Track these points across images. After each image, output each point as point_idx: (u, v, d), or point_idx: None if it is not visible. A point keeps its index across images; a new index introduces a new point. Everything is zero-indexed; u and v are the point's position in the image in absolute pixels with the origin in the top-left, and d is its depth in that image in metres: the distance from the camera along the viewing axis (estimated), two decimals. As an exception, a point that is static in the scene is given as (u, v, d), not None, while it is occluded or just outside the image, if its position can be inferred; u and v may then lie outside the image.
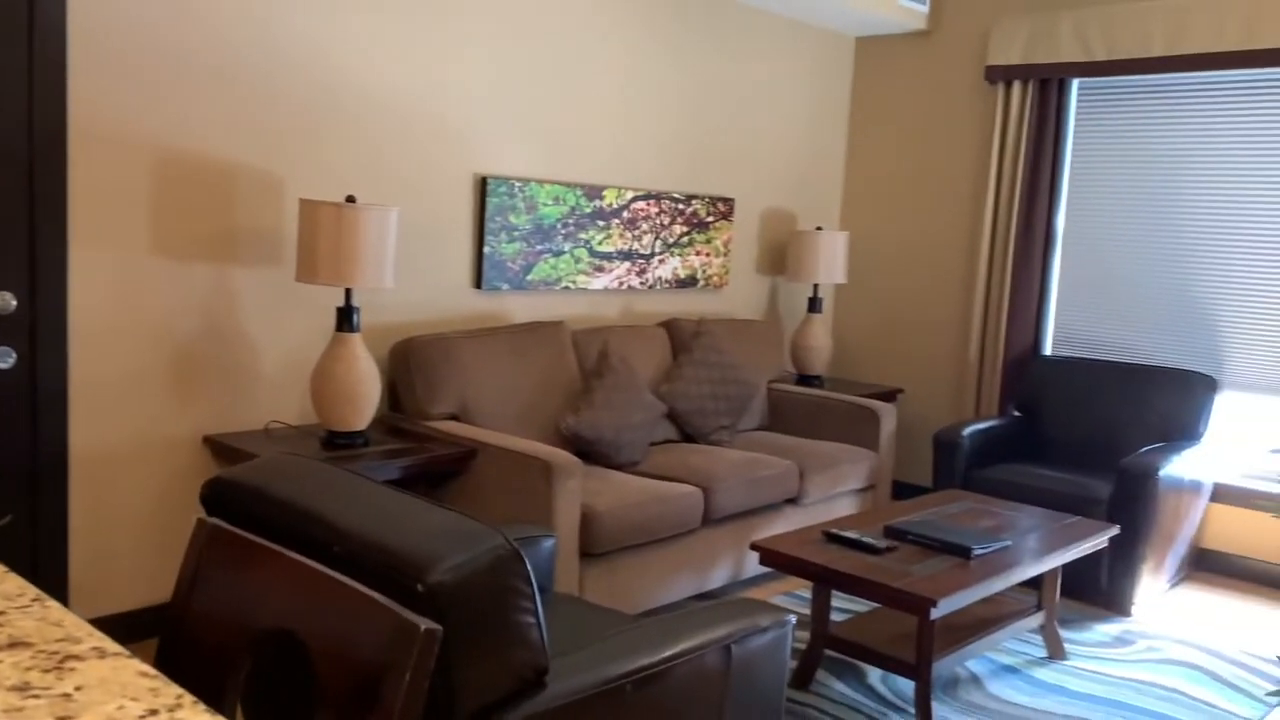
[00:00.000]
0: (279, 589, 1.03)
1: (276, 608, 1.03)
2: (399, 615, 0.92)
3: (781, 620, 2.26)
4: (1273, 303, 4.49)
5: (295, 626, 0.99)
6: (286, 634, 1.01)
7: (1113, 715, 3.19)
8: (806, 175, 5.61)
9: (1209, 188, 4.65)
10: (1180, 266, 4.75)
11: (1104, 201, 4.97)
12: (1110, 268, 4.96)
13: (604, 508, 3.47)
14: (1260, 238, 4.51)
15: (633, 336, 4.45)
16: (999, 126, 5.13)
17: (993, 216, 5.17)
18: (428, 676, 0.89)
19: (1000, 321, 5.14)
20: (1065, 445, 4.79)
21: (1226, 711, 3.26)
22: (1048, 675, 3.47)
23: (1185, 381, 4.57)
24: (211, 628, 1.10)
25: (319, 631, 0.96)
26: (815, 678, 3.34)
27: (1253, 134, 4.52)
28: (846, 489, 4.44)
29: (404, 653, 0.86)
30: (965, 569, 3.08)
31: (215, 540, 1.18)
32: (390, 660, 0.87)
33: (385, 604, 0.94)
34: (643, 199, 4.71)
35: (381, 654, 0.88)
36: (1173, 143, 4.75)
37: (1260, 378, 4.54)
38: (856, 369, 5.84)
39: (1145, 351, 4.87)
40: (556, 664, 1.89)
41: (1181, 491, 4.27)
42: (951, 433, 4.56)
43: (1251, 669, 3.59)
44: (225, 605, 1.10)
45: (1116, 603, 4.10)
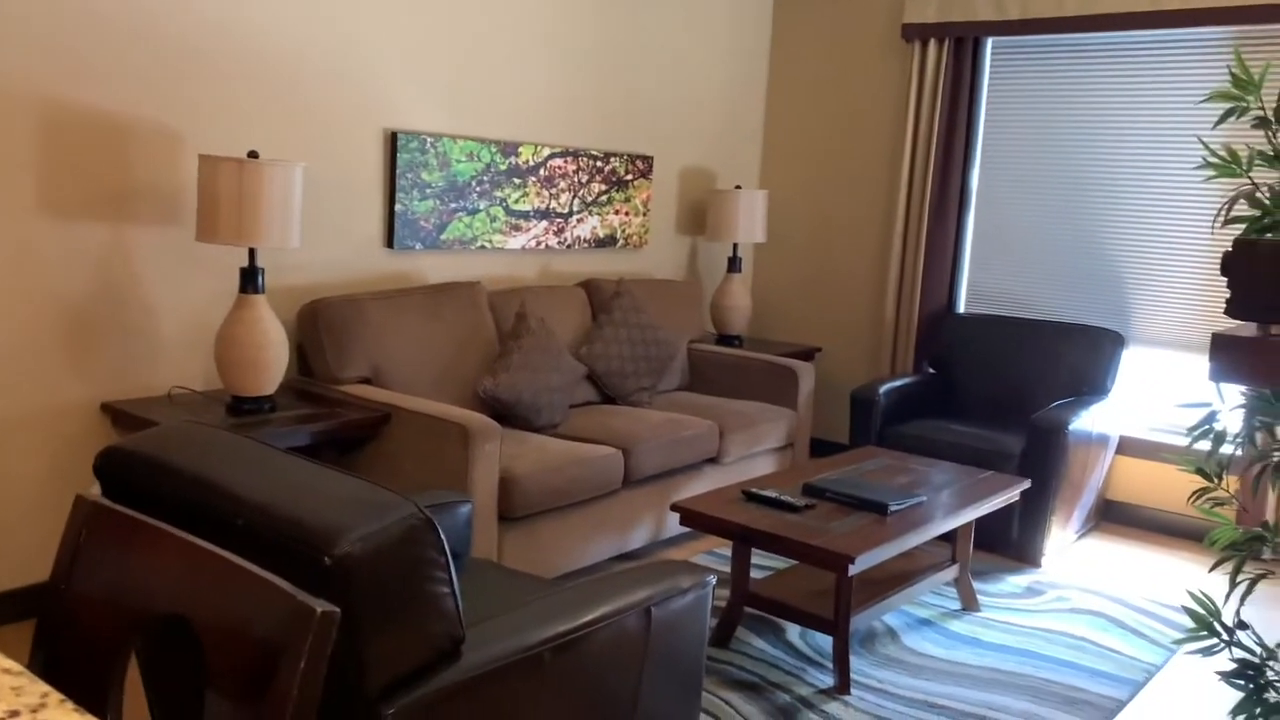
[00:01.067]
0: (167, 571, 0.96)
1: (165, 590, 0.96)
2: (294, 598, 0.87)
3: (702, 581, 2.25)
4: (1177, 261, 4.60)
5: (185, 610, 0.93)
6: (176, 618, 0.95)
7: (1024, 664, 3.27)
8: (725, 133, 5.58)
9: (1118, 147, 4.73)
10: (1090, 225, 4.83)
11: (1016, 160, 5.03)
12: (1022, 226, 5.04)
13: (523, 471, 3.42)
14: (1167, 198, 4.61)
15: (551, 297, 4.38)
16: (915, 85, 5.14)
17: (909, 175, 5.20)
18: (325, 661, 0.84)
19: (916, 280, 5.19)
20: (978, 401, 4.88)
21: (1132, 659, 3.36)
22: (962, 627, 3.54)
23: (1094, 338, 4.67)
24: (94, 611, 1.03)
25: (210, 616, 0.90)
26: (735, 635, 3.36)
27: (1161, 94, 4.60)
28: (765, 448, 4.45)
29: (299, 637, 0.81)
30: (882, 525, 3.11)
31: (97, 518, 1.10)
32: (285, 645, 0.81)
33: (280, 586, 0.88)
34: (560, 156, 4.62)
35: (276, 638, 0.83)
36: (1084, 102, 4.81)
37: (1164, 334, 4.66)
38: (775, 328, 5.85)
39: (1055, 308, 4.97)
40: (472, 633, 1.85)
41: (1090, 445, 4.38)
42: (868, 390, 4.60)
43: (1156, 616, 3.71)
44: (109, 588, 1.03)
45: (1027, 554, 4.20)
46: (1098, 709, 3.00)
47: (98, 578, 1.04)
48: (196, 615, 0.92)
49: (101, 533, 1.08)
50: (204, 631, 0.91)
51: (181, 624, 0.95)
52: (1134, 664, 3.32)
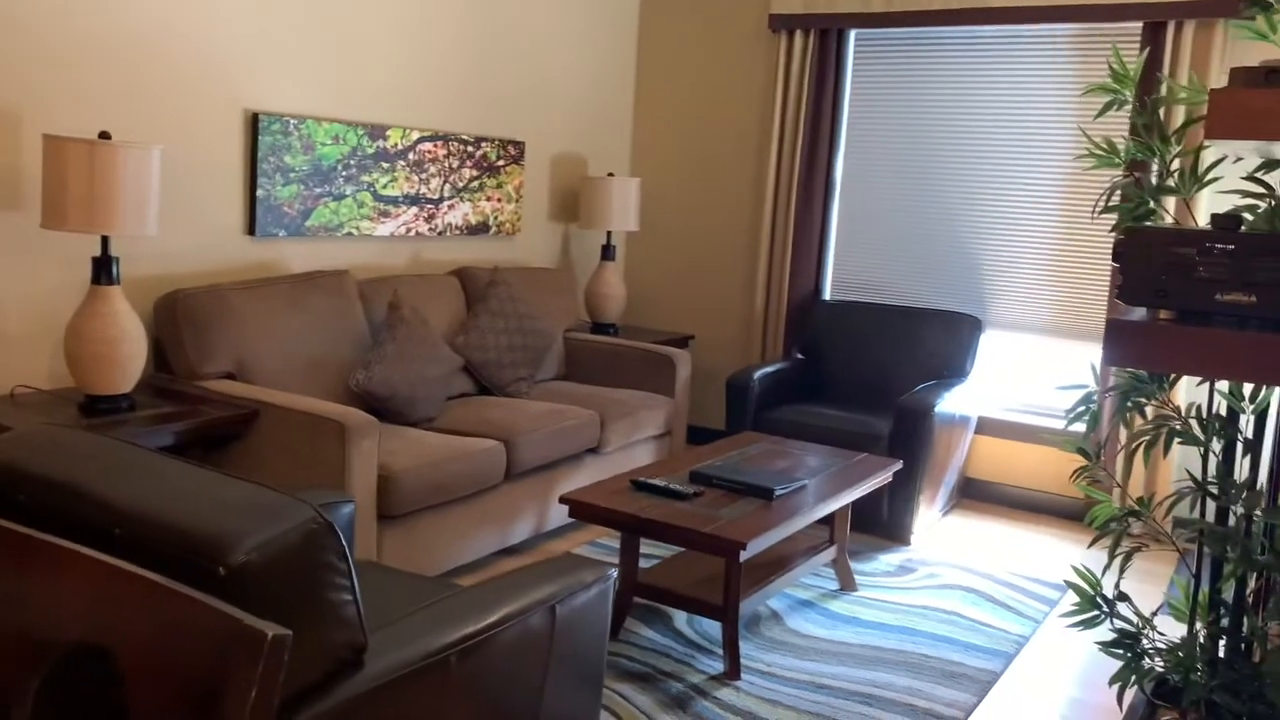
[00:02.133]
0: (76, 596, 0.86)
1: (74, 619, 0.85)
2: (239, 622, 0.79)
3: (604, 574, 2.21)
4: (1030, 248, 4.81)
5: (102, 641, 0.83)
6: (90, 650, 0.84)
7: (903, 641, 3.36)
8: (596, 120, 5.53)
9: (976, 138, 4.91)
10: (949, 213, 5.01)
11: (879, 150, 5.16)
12: (885, 214, 5.18)
13: (402, 468, 3.30)
14: (1020, 187, 4.81)
15: (424, 286, 4.26)
16: (782, 74, 5.21)
17: (776, 164, 5.27)
18: (278, 690, 0.76)
19: (784, 267, 5.27)
20: (846, 385, 5.00)
21: (1001, 630, 3.50)
22: (841, 607, 3.62)
23: (954, 322, 4.84)
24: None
25: (135, 646, 0.81)
26: (624, 626, 3.34)
27: (1015, 87, 4.79)
28: (645, 436, 4.45)
29: (247, 664, 0.73)
30: (769, 510, 3.14)
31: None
32: (229, 674, 0.73)
33: (220, 608, 0.80)
34: (430, 140, 4.48)
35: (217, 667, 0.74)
36: (943, 94, 4.97)
37: (1019, 317, 4.87)
38: (650, 316, 5.86)
39: (917, 294, 5.13)
40: (374, 640, 1.76)
41: (953, 426, 4.54)
42: (743, 376, 4.65)
43: (1020, 589, 3.88)
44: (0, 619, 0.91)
45: (897, 533, 4.33)
46: (975, 681, 3.11)
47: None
48: (117, 646, 0.83)
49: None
50: (127, 664, 0.81)
51: (97, 656, 0.85)
52: (1004, 636, 3.46)
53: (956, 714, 2.90)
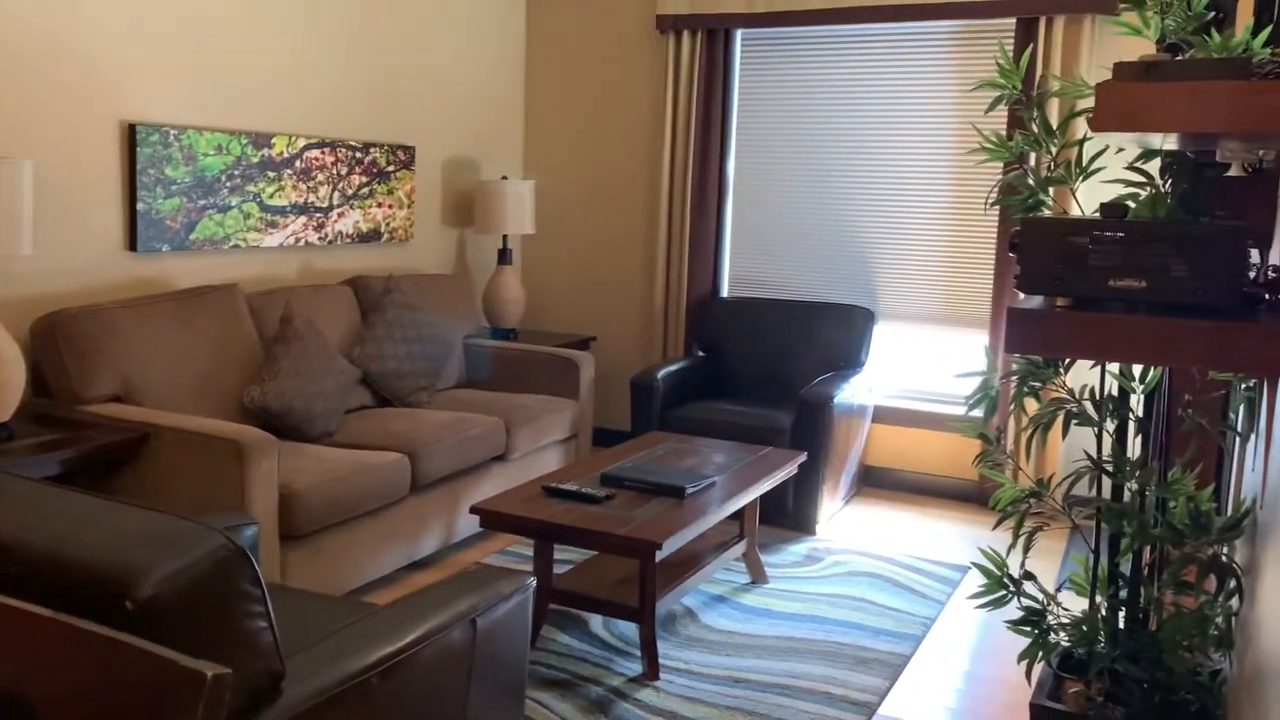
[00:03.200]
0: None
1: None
2: (175, 663, 0.74)
3: (523, 584, 2.19)
4: (917, 241, 4.94)
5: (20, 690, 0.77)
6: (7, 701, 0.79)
7: (816, 630, 3.42)
8: (487, 123, 5.47)
9: (863, 134, 5.02)
10: (840, 208, 5.11)
11: (770, 148, 5.24)
12: (778, 211, 5.25)
13: (304, 486, 3.21)
14: (906, 181, 4.94)
15: (316, 297, 4.15)
16: (671, 75, 5.24)
17: (670, 164, 5.30)
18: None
19: (682, 266, 5.30)
20: (748, 380, 5.06)
21: (908, 614, 3.59)
22: (754, 600, 3.66)
23: (848, 315, 4.94)
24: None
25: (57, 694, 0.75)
26: (540, 634, 3.31)
27: (899, 84, 4.92)
28: (551, 440, 4.42)
29: (185, 708, 0.69)
30: (681, 509, 3.16)
31: None
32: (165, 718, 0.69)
33: (153, 651, 0.75)
34: (316, 147, 4.37)
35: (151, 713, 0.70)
36: (830, 92, 5.07)
37: (909, 308, 5.00)
38: (549, 319, 5.82)
39: (812, 288, 5.22)
40: (291, 666, 1.70)
41: (851, 416, 4.64)
42: (647, 376, 4.66)
43: (922, 572, 3.99)
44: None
45: (803, 523, 4.40)
46: (886, 665, 3.18)
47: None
48: (36, 696, 0.77)
49: None
50: (49, 715, 0.76)
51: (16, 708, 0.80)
52: (912, 619, 3.54)
53: (870, 698, 2.96)
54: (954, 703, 2.98)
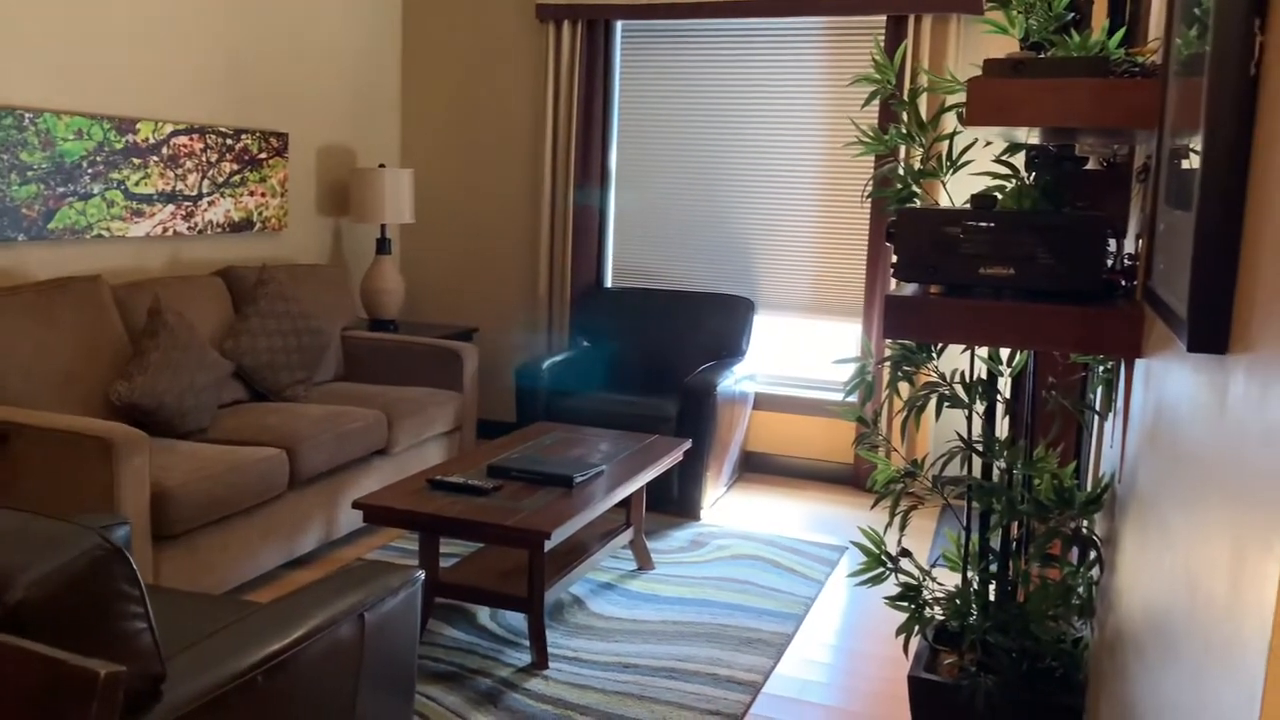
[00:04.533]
0: None
1: None
2: (63, 663, 0.71)
3: (411, 578, 2.16)
4: (794, 232, 5.06)
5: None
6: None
7: (702, 613, 3.48)
8: (362, 110, 5.36)
9: (742, 127, 5.11)
10: (721, 200, 5.18)
11: (652, 139, 5.28)
12: (660, 202, 5.30)
13: (176, 483, 3.10)
14: (784, 174, 5.05)
15: (186, 289, 4.00)
16: (552, 64, 5.23)
17: (552, 154, 5.29)
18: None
19: (566, 256, 5.30)
20: (633, 369, 5.09)
21: (790, 594, 3.68)
22: (641, 586, 3.70)
23: (729, 304, 5.03)
24: None
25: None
26: (427, 628, 3.28)
27: (777, 78, 5.01)
28: (434, 433, 4.37)
29: (78, 708, 0.67)
30: (569, 498, 3.17)
31: None
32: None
33: (36, 650, 0.72)
34: (185, 133, 4.21)
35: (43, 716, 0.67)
36: (710, 84, 5.14)
37: (788, 298, 5.11)
38: (430, 310, 5.74)
39: (695, 278, 5.29)
40: (172, 668, 1.65)
41: (734, 403, 4.72)
42: (532, 367, 4.65)
43: (803, 554, 4.09)
44: None
45: (687, 509, 4.46)
46: (770, 645, 3.26)
47: None
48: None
49: None
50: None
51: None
52: (793, 598, 3.64)
53: (755, 678, 3.03)
54: (835, 678, 3.08)
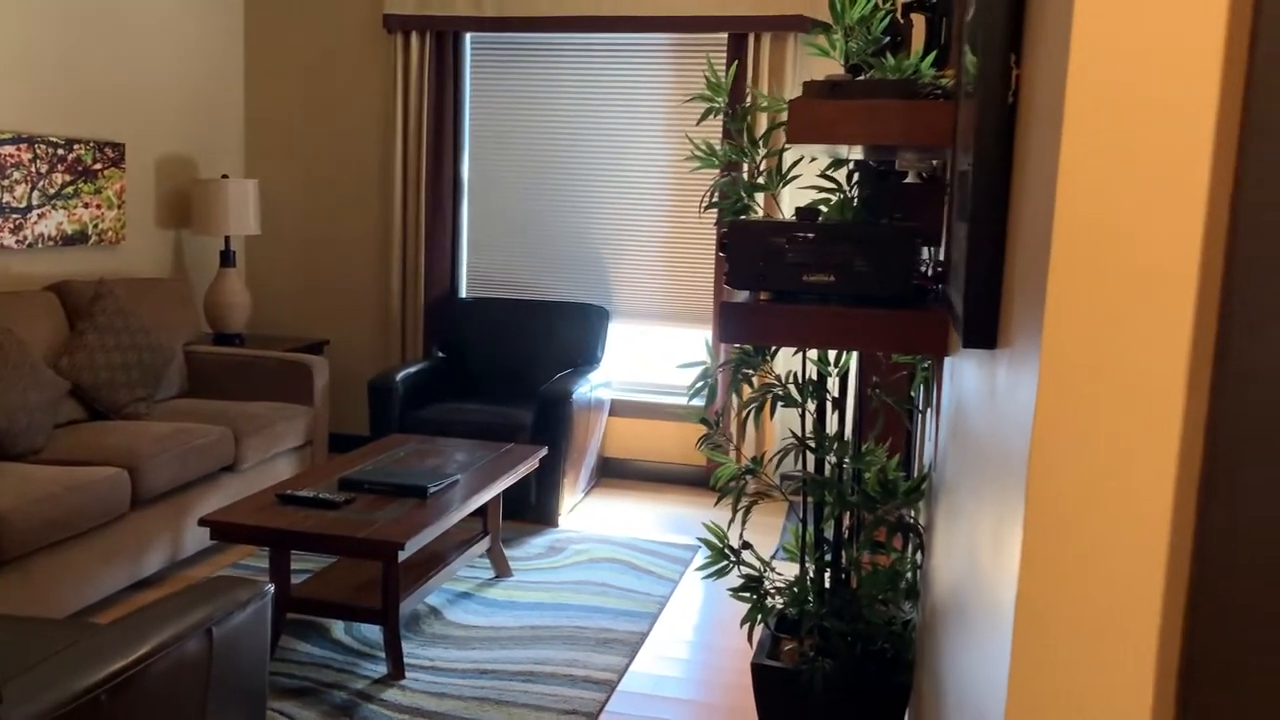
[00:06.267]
0: None
1: None
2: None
3: (260, 591, 2.16)
4: (645, 242, 5.19)
5: None
6: None
7: (559, 617, 3.54)
8: (204, 119, 5.22)
9: (592, 139, 5.20)
10: (573, 211, 5.27)
11: (504, 150, 5.32)
12: (514, 213, 5.35)
13: (8, 507, 2.98)
14: (634, 186, 5.17)
15: (16, 304, 3.83)
16: (401, 75, 5.22)
17: (402, 165, 5.27)
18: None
19: (419, 267, 5.29)
20: (489, 379, 5.12)
21: (645, 594, 3.78)
22: (498, 594, 3.74)
23: (584, 313, 5.12)
24: None
25: None
26: (279, 645, 3.24)
27: (624, 92, 5.13)
28: (285, 448, 4.30)
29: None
30: (424, 508, 3.18)
31: None
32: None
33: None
34: (11, 143, 4.03)
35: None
36: (561, 97, 5.22)
37: (641, 306, 5.23)
38: (279, 323, 5.63)
39: (549, 288, 5.35)
40: (8, 692, 1.62)
41: (589, 410, 4.81)
42: (385, 379, 4.63)
43: (658, 554, 4.20)
44: None
45: (545, 516, 4.52)
46: (626, 644, 3.35)
47: None
48: None
49: None
50: None
51: None
52: (649, 598, 3.74)
53: (611, 676, 3.11)
54: (688, 672, 3.19)
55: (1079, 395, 0.81)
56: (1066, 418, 0.81)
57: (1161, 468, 0.80)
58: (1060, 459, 0.82)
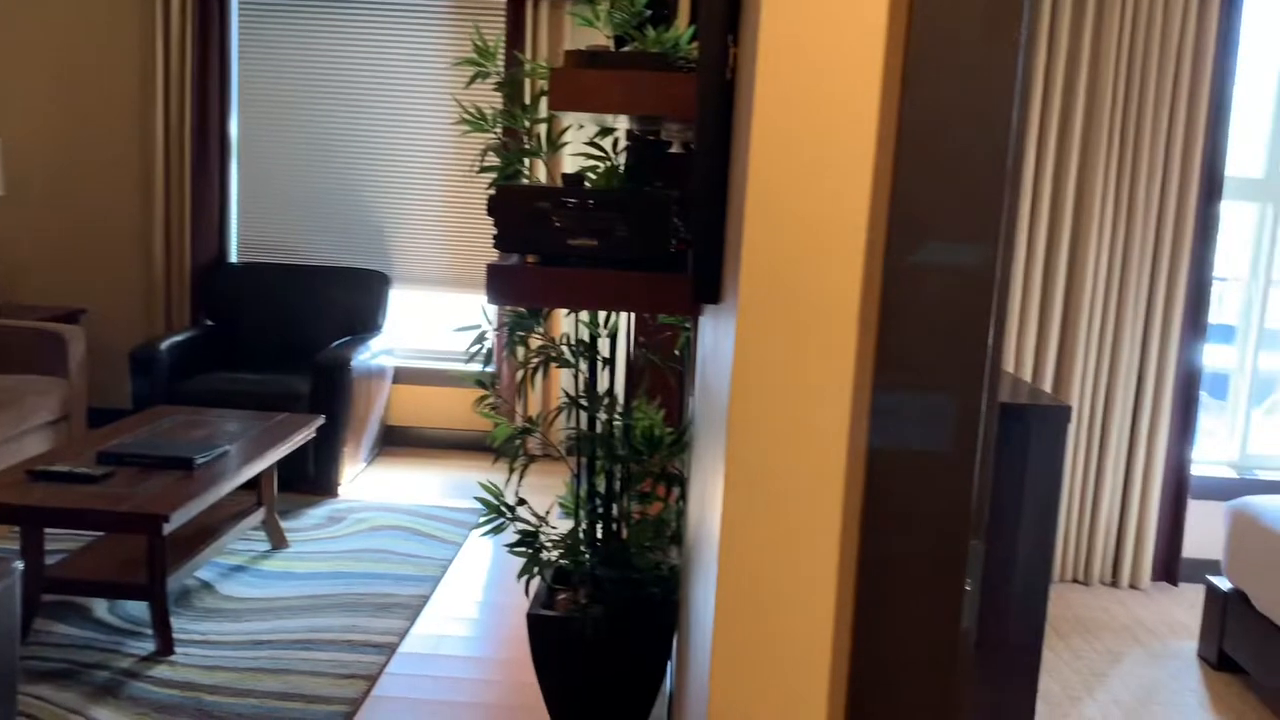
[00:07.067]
0: None
1: None
2: None
3: (7, 570, 2.06)
4: (426, 206, 5.14)
5: None
6: None
7: (338, 586, 3.52)
8: (-69, 67, 4.77)
9: (370, 102, 5.10)
10: (352, 174, 5.15)
11: (277, 112, 5.13)
12: (289, 176, 5.18)
13: None
14: (414, 149, 5.11)
15: None
16: (161, 33, 4.93)
17: (164, 125, 5.00)
18: None
19: (184, 231, 5.04)
20: (263, 348, 4.96)
21: (430, 558, 3.81)
22: (275, 565, 3.67)
23: (364, 279, 5.03)
24: None
25: None
26: (33, 627, 3.07)
27: (402, 54, 5.05)
28: (37, 424, 4.03)
29: None
30: (190, 480, 3.08)
31: None
32: None
33: None
34: None
35: None
36: (335, 58, 5.07)
37: (422, 271, 5.20)
38: (28, 291, 5.23)
39: (327, 253, 5.22)
40: None
41: (370, 378, 4.75)
42: (148, 349, 4.40)
43: (443, 519, 4.22)
44: None
45: (324, 486, 4.45)
46: (407, 607, 3.37)
47: None
48: None
49: None
50: None
51: None
52: (432, 561, 3.77)
53: (392, 639, 3.13)
54: (471, 630, 3.25)
55: (770, 342, 0.92)
56: (760, 363, 0.92)
57: (839, 400, 0.92)
58: (755, 400, 0.93)
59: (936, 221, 0.88)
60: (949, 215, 0.88)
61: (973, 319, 0.88)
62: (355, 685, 2.85)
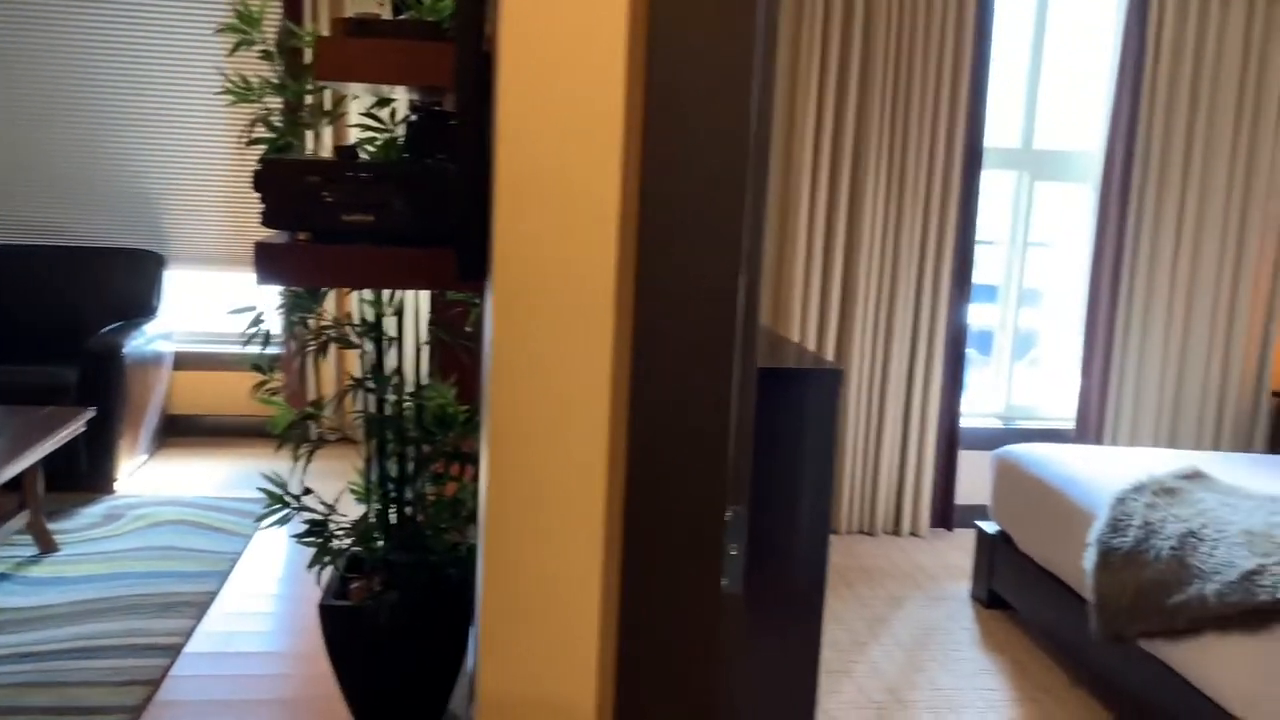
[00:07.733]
0: None
1: None
2: None
3: None
4: (203, 182, 4.86)
5: None
6: None
7: (117, 587, 3.30)
8: None
9: (136, 73, 4.75)
10: (120, 148, 4.80)
11: (34, 85, 4.71)
12: (50, 152, 4.77)
13: None
14: (187, 122, 4.80)
15: None
16: (-117, -16, 4.43)
17: (-108, 90, 4.51)
18: None
19: (-78, 211, 4.58)
20: (23, 336, 4.58)
21: (215, 552, 3.63)
22: (43, 571, 3.41)
23: (136, 260, 4.71)
24: None
25: None
26: None
27: (170, 18, 4.72)
28: None
29: None
30: (-65, 484, 2.82)
31: None
32: None
33: None
34: None
35: None
36: (98, 27, 4.70)
37: (200, 251, 4.91)
38: None
39: (93, 233, 4.86)
40: None
41: (146, 365, 4.46)
42: (-117, 342, 3.98)
43: (231, 511, 4.03)
44: None
45: (99, 483, 4.17)
46: (192, 605, 3.20)
47: None
48: None
49: None
50: None
51: None
52: (219, 555, 3.59)
53: (177, 640, 2.97)
54: (262, 624, 3.12)
55: (527, 317, 0.91)
56: (517, 339, 0.91)
57: (598, 376, 0.92)
58: (515, 375, 0.92)
59: (685, 192, 0.90)
60: (696, 185, 0.89)
61: (721, 290, 0.90)
62: (136, 692, 2.69)
